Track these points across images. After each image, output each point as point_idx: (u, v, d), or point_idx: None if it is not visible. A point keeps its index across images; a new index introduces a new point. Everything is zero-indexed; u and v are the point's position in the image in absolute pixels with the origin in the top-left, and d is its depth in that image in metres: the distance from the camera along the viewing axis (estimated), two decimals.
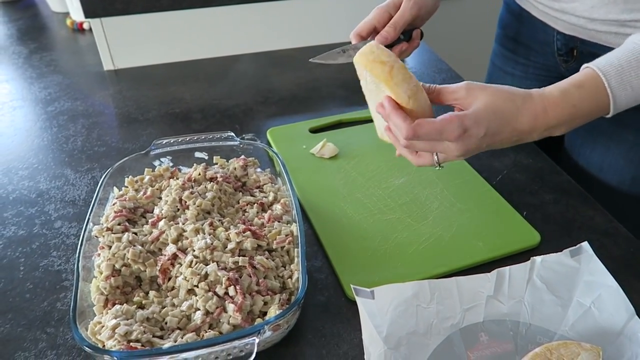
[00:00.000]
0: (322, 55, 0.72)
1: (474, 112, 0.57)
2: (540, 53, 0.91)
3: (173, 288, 0.57)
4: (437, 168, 0.62)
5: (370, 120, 0.93)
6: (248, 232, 0.60)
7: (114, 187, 0.69)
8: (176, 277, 0.57)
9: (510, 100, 0.58)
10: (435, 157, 0.60)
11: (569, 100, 0.59)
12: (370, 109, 0.67)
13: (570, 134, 0.62)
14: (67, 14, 1.39)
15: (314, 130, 0.90)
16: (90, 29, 1.10)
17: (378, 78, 0.57)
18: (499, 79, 1.02)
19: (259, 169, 0.75)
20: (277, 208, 0.66)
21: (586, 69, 0.60)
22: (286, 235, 0.61)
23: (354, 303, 0.56)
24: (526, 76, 0.96)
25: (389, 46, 0.71)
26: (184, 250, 0.59)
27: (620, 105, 0.59)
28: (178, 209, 0.65)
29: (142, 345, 0.50)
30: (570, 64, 0.85)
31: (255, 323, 0.53)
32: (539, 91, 0.60)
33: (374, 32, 0.72)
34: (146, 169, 0.72)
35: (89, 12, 1.04)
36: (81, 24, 1.32)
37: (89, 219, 0.62)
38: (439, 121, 0.56)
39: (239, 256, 0.58)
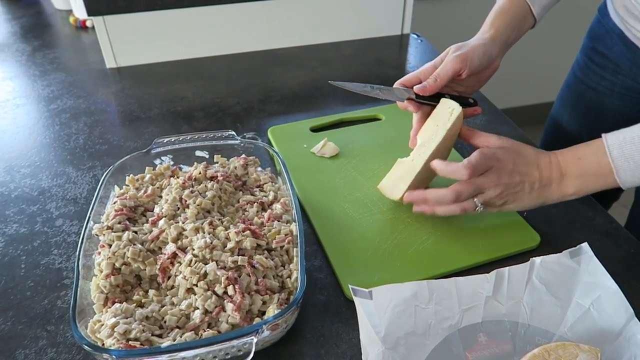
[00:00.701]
0: (346, 83, 0.72)
1: (502, 145, 0.66)
2: (629, 74, 0.89)
3: (173, 287, 0.57)
4: (479, 210, 0.65)
5: (371, 120, 0.93)
6: (247, 232, 0.60)
7: (115, 186, 0.70)
8: (176, 276, 0.57)
9: (529, 148, 0.66)
10: (476, 200, 0.64)
11: (575, 153, 0.65)
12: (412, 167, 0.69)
13: None
14: (70, 12, 1.39)
15: (315, 129, 0.90)
16: (93, 27, 1.10)
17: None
18: (578, 91, 0.99)
19: (259, 168, 0.75)
20: (277, 207, 0.66)
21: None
22: (285, 235, 0.62)
23: (353, 303, 0.56)
24: (611, 94, 0.93)
25: (432, 98, 0.70)
26: (183, 249, 0.59)
27: (626, 178, 0.62)
28: (178, 208, 0.65)
29: (141, 344, 0.50)
30: None
31: (254, 322, 0.53)
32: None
33: (418, 83, 0.70)
34: (147, 168, 0.72)
35: (92, 10, 1.04)
36: (84, 21, 1.32)
37: (89, 217, 0.62)
38: (478, 154, 0.63)
39: (238, 255, 0.58)
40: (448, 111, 0.67)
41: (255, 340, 0.49)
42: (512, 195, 0.65)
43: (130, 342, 0.50)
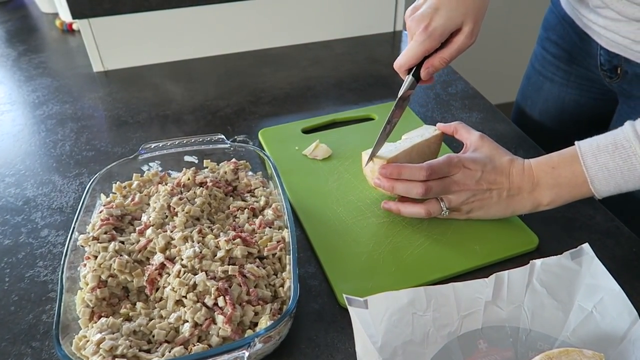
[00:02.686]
0: (374, 148, 0.69)
1: (472, 155, 0.65)
2: (583, 64, 0.88)
3: (161, 299, 0.55)
4: (444, 214, 0.66)
5: (364, 120, 0.91)
6: (238, 239, 0.58)
7: (102, 194, 0.68)
8: (164, 287, 0.55)
9: (504, 155, 0.66)
10: (442, 204, 0.65)
11: (549, 162, 0.64)
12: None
13: None
14: (56, 15, 1.36)
15: (307, 131, 0.88)
16: (80, 30, 1.08)
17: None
18: (536, 83, 0.99)
19: (250, 172, 0.73)
20: (269, 213, 0.64)
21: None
22: (277, 242, 0.59)
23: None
24: (567, 84, 0.92)
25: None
26: (172, 260, 0.57)
27: (600, 187, 0.60)
28: (166, 216, 0.63)
29: None
30: (614, 80, 0.82)
31: (246, 334, 0.51)
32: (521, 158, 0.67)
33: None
34: (134, 174, 0.70)
35: (76, 13, 1.02)
36: (71, 24, 1.30)
37: (74, 227, 0.60)
38: (444, 157, 0.64)
39: (228, 264, 0.56)
40: (433, 128, 0.75)
41: (247, 354, 0.47)
42: (478, 202, 0.65)
43: (116, 358, 0.48)
